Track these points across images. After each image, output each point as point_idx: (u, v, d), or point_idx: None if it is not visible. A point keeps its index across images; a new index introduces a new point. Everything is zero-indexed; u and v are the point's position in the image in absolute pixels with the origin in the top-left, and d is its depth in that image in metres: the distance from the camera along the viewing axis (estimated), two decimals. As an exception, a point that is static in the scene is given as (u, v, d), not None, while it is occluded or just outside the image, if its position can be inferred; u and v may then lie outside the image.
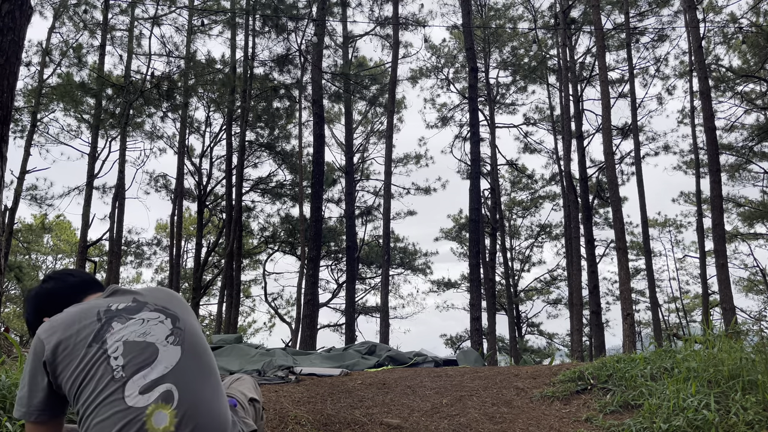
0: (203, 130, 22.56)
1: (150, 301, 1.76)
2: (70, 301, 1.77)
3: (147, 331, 1.66)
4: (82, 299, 1.81)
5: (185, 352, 1.65)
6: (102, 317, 1.66)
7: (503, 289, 26.25)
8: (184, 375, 1.61)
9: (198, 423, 1.56)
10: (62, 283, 1.87)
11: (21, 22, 4.19)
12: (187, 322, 1.74)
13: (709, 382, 3.58)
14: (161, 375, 1.58)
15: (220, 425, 1.60)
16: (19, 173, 17.72)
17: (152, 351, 1.61)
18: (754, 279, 26.75)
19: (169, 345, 1.65)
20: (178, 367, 1.61)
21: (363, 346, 7.04)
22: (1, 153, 4.11)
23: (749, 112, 21.70)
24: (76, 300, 1.80)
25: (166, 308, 1.74)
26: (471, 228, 15.31)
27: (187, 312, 1.78)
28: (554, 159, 24.46)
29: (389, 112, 18.06)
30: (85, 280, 1.90)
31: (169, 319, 1.71)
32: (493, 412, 3.85)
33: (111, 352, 1.59)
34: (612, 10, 21.79)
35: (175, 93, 18.17)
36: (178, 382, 1.58)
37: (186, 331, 1.71)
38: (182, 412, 1.54)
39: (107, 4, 17.99)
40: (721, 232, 13.57)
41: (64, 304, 1.74)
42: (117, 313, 1.68)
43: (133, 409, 1.52)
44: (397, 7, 18.49)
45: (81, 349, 1.59)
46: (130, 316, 1.68)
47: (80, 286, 1.86)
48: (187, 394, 1.58)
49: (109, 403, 1.52)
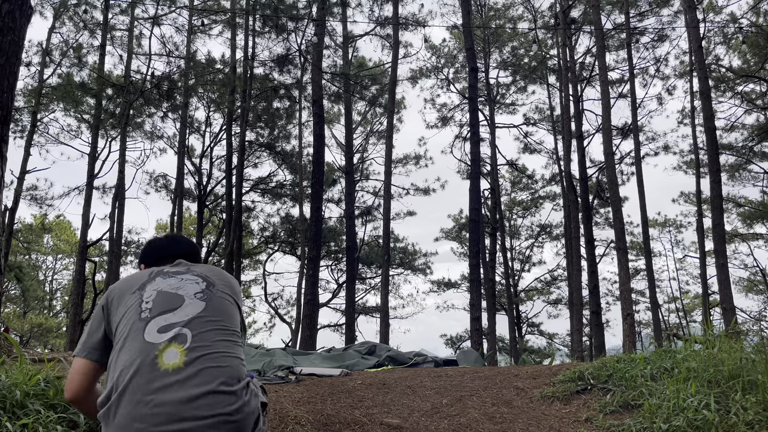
0: (203, 130, 22.57)
1: (198, 270, 1.97)
2: (156, 261, 2.08)
3: (181, 286, 1.87)
4: (161, 264, 2.05)
5: (208, 308, 1.80)
6: (152, 274, 1.91)
7: (503, 289, 26.24)
8: (201, 326, 1.75)
9: (206, 367, 1.66)
10: (158, 245, 2.18)
11: (21, 22, 4.19)
12: (221, 291, 1.89)
13: (709, 382, 3.58)
14: (180, 320, 1.75)
15: (229, 377, 1.68)
16: (19, 173, 17.71)
17: (179, 301, 1.81)
18: (754, 279, 26.74)
19: (196, 299, 1.83)
20: (198, 318, 1.76)
21: (363, 346, 7.04)
22: (1, 153, 4.11)
23: (749, 112, 21.70)
24: (159, 262, 2.08)
25: (208, 276, 1.94)
26: (471, 228, 15.31)
27: (227, 287, 1.94)
28: (554, 159, 24.47)
29: (389, 112, 18.07)
30: (175, 252, 2.12)
31: (205, 283, 1.90)
32: (493, 412, 3.85)
33: (145, 298, 1.82)
34: (612, 10, 21.79)
35: (175, 93, 18.17)
36: (194, 330, 1.73)
37: (215, 296, 1.86)
38: (193, 355, 1.67)
39: (107, 4, 17.99)
40: (721, 232, 13.57)
41: (152, 261, 2.09)
42: (165, 272, 1.93)
43: (149, 344, 1.68)
44: (397, 7, 18.49)
45: (127, 297, 1.84)
46: (173, 276, 1.91)
47: (168, 254, 2.11)
48: (200, 341, 1.71)
49: (132, 339, 1.71)
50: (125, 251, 25.21)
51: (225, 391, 1.65)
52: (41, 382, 2.90)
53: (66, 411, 2.80)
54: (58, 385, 2.95)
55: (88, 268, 18.01)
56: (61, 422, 2.69)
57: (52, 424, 2.63)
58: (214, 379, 1.65)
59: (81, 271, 16.91)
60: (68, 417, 2.76)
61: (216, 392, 1.64)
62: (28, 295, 29.09)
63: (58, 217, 28.42)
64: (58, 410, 2.79)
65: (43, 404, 2.77)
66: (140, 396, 1.60)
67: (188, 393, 1.61)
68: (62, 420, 2.71)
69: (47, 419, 2.64)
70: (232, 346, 1.76)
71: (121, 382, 1.63)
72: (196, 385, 1.62)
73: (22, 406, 2.71)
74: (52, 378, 2.99)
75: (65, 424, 2.70)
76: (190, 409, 1.59)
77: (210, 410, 1.61)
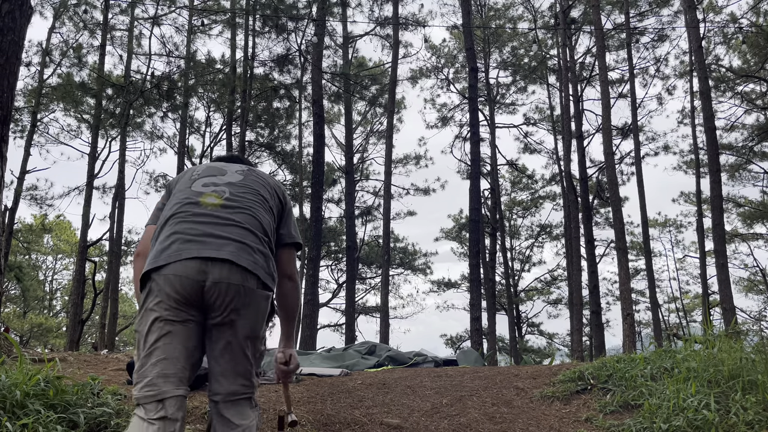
0: (203, 130, 22.55)
1: (242, 168, 2.29)
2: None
3: (226, 168, 2.25)
4: None
5: (245, 180, 2.17)
6: (204, 167, 2.27)
7: (503, 289, 26.23)
8: (238, 189, 2.12)
9: (241, 217, 2.01)
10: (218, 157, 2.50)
11: (21, 22, 4.19)
12: (258, 184, 2.21)
13: (709, 382, 3.58)
14: (221, 183, 2.13)
15: (258, 225, 2.03)
16: (19, 173, 17.71)
17: (222, 172, 2.20)
18: (754, 279, 26.74)
19: (236, 174, 2.20)
20: (236, 185, 2.13)
21: (363, 346, 7.03)
22: (1, 153, 4.11)
23: (749, 112, 21.69)
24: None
25: (246, 172, 2.25)
26: (471, 228, 15.30)
27: (265, 182, 2.25)
28: (554, 159, 24.46)
29: (389, 112, 18.07)
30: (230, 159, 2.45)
31: (248, 169, 2.28)
32: (493, 412, 3.85)
33: (196, 171, 2.23)
34: (612, 10, 21.79)
35: (175, 93, 18.16)
36: (232, 190, 2.10)
37: (254, 181, 2.20)
38: (229, 203, 2.04)
39: (107, 4, 17.99)
40: (721, 232, 13.56)
41: None
42: (212, 167, 2.26)
43: (194, 191, 2.08)
44: (397, 7, 18.49)
45: (183, 179, 2.20)
46: (222, 168, 2.25)
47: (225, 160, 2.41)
48: (236, 197, 2.07)
49: (182, 191, 2.11)
50: (125, 251, 25.20)
51: (249, 242, 1.96)
52: (41, 382, 2.90)
53: (66, 411, 2.80)
54: (58, 385, 2.95)
55: (88, 268, 18.00)
56: (61, 422, 2.69)
57: (52, 424, 2.63)
58: (244, 221, 2.00)
59: (81, 271, 16.90)
60: (68, 417, 2.76)
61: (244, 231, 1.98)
62: (28, 295, 29.10)
63: (58, 217, 28.43)
64: (58, 410, 2.79)
65: (43, 404, 2.77)
66: (183, 216, 1.98)
67: (219, 223, 1.96)
68: (62, 420, 2.71)
69: (47, 419, 2.64)
70: (261, 209, 2.09)
71: (171, 212, 2.03)
72: (227, 217, 1.99)
73: (22, 406, 2.71)
74: (52, 378, 2.99)
75: (65, 424, 2.70)
76: (219, 232, 1.93)
77: (237, 248, 1.91)
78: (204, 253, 1.86)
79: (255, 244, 1.96)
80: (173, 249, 1.87)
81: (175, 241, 1.90)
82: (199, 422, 3.22)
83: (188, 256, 1.85)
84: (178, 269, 1.84)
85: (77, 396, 2.98)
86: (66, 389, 2.98)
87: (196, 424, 3.19)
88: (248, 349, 1.93)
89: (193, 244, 1.88)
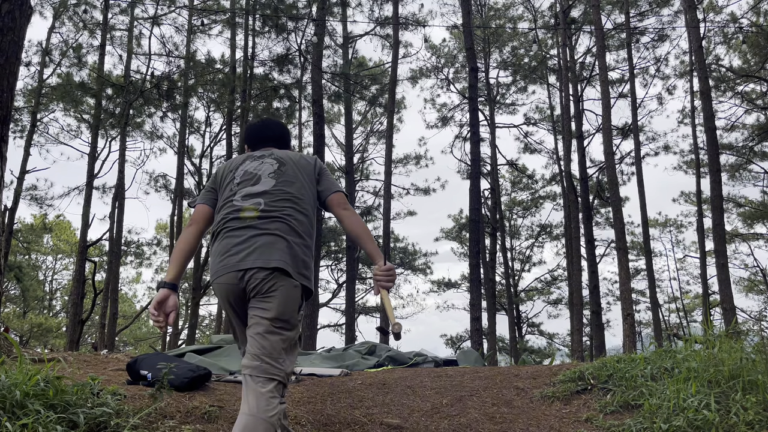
0: (203, 130, 22.56)
1: (276, 153, 2.71)
2: (254, 143, 2.86)
3: (260, 167, 2.63)
4: (257, 147, 2.85)
5: (277, 185, 2.55)
6: (245, 158, 2.72)
7: (503, 289, 26.23)
8: (271, 198, 2.51)
9: (273, 226, 2.43)
10: (255, 126, 2.92)
11: (21, 22, 4.18)
12: (291, 170, 2.62)
13: (710, 382, 3.58)
14: (256, 192, 2.53)
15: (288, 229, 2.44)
16: (19, 173, 17.71)
17: (257, 178, 2.58)
18: (755, 279, 26.75)
19: (269, 178, 2.58)
20: (270, 193, 2.52)
21: (363, 346, 7.02)
22: (1, 153, 4.11)
23: (749, 112, 21.69)
24: (256, 143, 2.86)
25: (282, 158, 2.67)
26: (471, 228, 15.29)
27: (297, 166, 2.65)
28: (554, 159, 24.46)
29: (389, 112, 18.06)
30: (265, 137, 2.87)
31: (278, 164, 2.64)
32: (494, 412, 3.85)
33: (236, 176, 2.62)
34: (612, 10, 21.78)
35: (175, 93, 18.16)
36: (266, 199, 2.50)
37: (285, 173, 2.60)
38: (264, 214, 2.46)
39: (107, 4, 17.98)
40: (722, 232, 13.56)
41: (251, 142, 2.87)
42: (254, 157, 2.70)
43: (236, 205, 2.51)
44: (397, 7, 18.48)
45: (228, 173, 2.66)
46: (257, 159, 2.68)
47: (261, 138, 2.86)
48: (270, 207, 2.48)
49: (228, 202, 2.55)
50: (125, 251, 25.22)
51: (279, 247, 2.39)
52: (41, 382, 2.90)
53: (65, 411, 2.80)
54: (57, 385, 2.95)
55: (87, 268, 18.00)
56: (61, 422, 2.69)
57: (52, 424, 2.63)
58: (276, 229, 2.42)
59: (81, 271, 16.90)
60: (68, 417, 2.76)
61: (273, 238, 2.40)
62: (27, 295, 29.09)
63: (58, 217, 28.43)
64: (58, 410, 2.79)
65: (43, 404, 2.77)
66: (227, 237, 2.44)
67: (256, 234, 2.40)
68: (62, 420, 2.71)
69: (47, 419, 2.64)
70: (294, 212, 2.49)
71: (220, 225, 2.51)
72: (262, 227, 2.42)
73: (22, 406, 2.71)
74: (52, 378, 2.98)
75: (65, 424, 2.70)
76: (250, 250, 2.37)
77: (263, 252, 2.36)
78: (240, 265, 2.35)
79: (285, 247, 2.40)
80: (221, 265, 2.41)
81: (222, 258, 2.42)
82: (199, 422, 3.22)
83: (228, 271, 2.37)
84: (222, 280, 2.40)
85: (77, 396, 2.97)
86: (66, 389, 2.98)
87: (196, 424, 3.19)
88: (276, 330, 2.30)
89: (232, 257, 2.38)
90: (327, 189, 2.65)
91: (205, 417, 3.30)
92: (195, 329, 19.46)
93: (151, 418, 3.12)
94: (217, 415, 3.36)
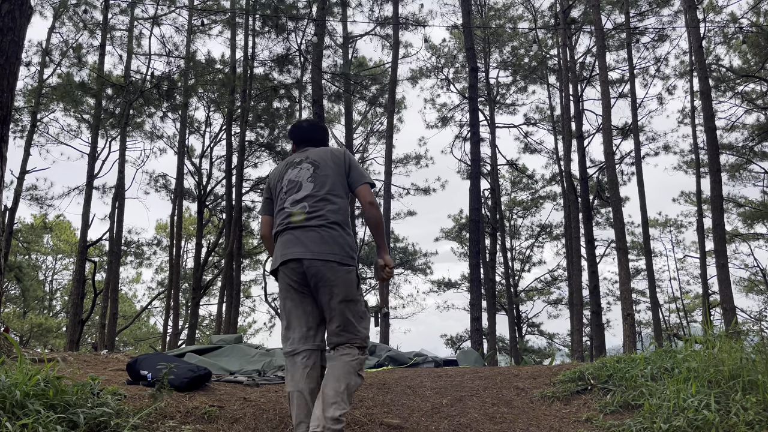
0: (203, 130, 22.56)
1: (311, 156, 3.25)
2: (297, 142, 3.44)
3: (299, 174, 3.20)
4: (301, 146, 3.41)
5: (315, 188, 3.12)
6: (286, 165, 3.29)
7: (503, 289, 26.23)
8: (313, 200, 3.08)
9: (317, 222, 3.03)
10: (300, 128, 3.48)
11: (21, 22, 4.18)
12: (324, 170, 3.17)
13: (710, 382, 3.58)
14: (301, 197, 3.11)
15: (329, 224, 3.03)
16: (19, 173, 17.71)
17: (299, 185, 3.16)
18: (755, 279, 26.74)
19: (308, 182, 3.14)
20: (312, 196, 3.10)
21: (363, 346, 7.00)
22: (1, 153, 4.11)
23: (749, 112, 21.68)
24: (300, 143, 3.43)
25: (315, 161, 3.21)
26: (471, 228, 15.29)
27: (328, 164, 3.19)
28: (554, 159, 24.46)
29: (389, 112, 18.05)
30: (310, 138, 3.42)
31: (312, 167, 3.19)
32: (494, 412, 3.85)
33: (283, 185, 3.22)
34: (612, 10, 21.77)
35: (175, 93, 18.15)
36: (310, 203, 3.08)
37: (319, 176, 3.15)
38: (310, 215, 3.05)
39: (107, 4, 17.98)
40: (722, 232, 13.56)
41: (294, 141, 3.46)
42: (293, 164, 3.26)
43: (287, 211, 3.13)
44: (397, 7, 18.47)
45: (276, 182, 3.28)
46: (297, 166, 3.24)
47: (304, 138, 3.42)
48: (313, 210, 3.06)
49: (280, 208, 3.18)
50: (125, 251, 25.21)
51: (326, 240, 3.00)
52: (41, 382, 2.90)
53: (66, 411, 2.80)
54: (57, 385, 2.95)
55: (88, 268, 18.00)
56: (61, 422, 2.68)
57: (52, 424, 2.63)
58: (320, 225, 3.02)
59: (81, 271, 16.90)
60: (68, 417, 2.76)
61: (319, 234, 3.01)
62: (28, 295, 29.10)
63: (58, 217, 28.43)
64: (58, 410, 2.79)
65: (43, 404, 2.77)
66: (285, 236, 3.08)
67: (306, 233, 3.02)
68: (62, 420, 2.71)
69: (47, 419, 2.64)
70: (331, 207, 3.07)
71: (279, 227, 3.13)
72: (310, 226, 3.02)
73: (22, 406, 2.71)
74: (52, 378, 2.98)
75: (65, 424, 2.70)
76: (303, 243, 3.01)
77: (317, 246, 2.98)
78: (299, 255, 2.99)
79: (330, 239, 3.00)
80: (283, 257, 3.03)
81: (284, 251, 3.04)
82: (199, 422, 3.22)
83: (290, 258, 3.01)
84: (285, 266, 3.03)
85: (77, 396, 2.97)
86: (66, 389, 2.97)
87: (196, 424, 3.19)
88: (346, 309, 2.96)
89: (292, 248, 3.01)
90: (356, 181, 3.19)
91: (205, 417, 3.31)
92: (195, 329, 19.47)
93: (151, 418, 3.12)
94: (217, 415, 3.36)
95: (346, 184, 3.19)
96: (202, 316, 28.25)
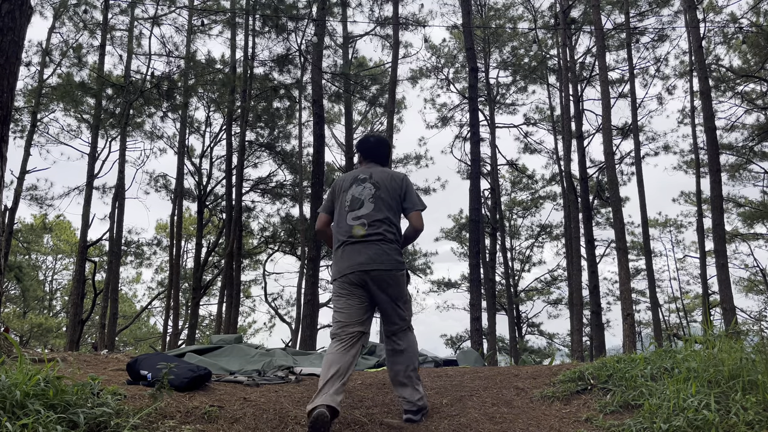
0: (203, 130, 22.56)
1: (375, 177, 3.74)
2: (364, 155, 3.93)
3: (362, 192, 3.70)
4: (367, 160, 3.92)
5: (375, 207, 3.64)
6: (353, 180, 3.77)
7: (503, 289, 26.23)
8: (373, 217, 3.62)
9: (376, 237, 3.59)
10: (367, 143, 3.95)
11: (21, 22, 4.18)
12: (384, 192, 3.68)
13: (710, 382, 3.58)
14: (362, 214, 3.63)
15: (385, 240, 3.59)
16: (19, 173, 17.71)
17: (361, 203, 3.67)
18: (755, 279, 26.75)
19: (369, 202, 3.65)
20: (372, 214, 3.63)
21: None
22: (1, 153, 4.11)
23: (749, 112, 21.69)
24: (366, 157, 3.93)
25: (378, 183, 3.71)
26: (471, 228, 15.29)
27: (388, 188, 3.71)
28: (554, 159, 24.46)
29: (389, 112, 18.05)
30: (375, 155, 3.93)
31: (374, 188, 3.69)
32: (494, 412, 3.85)
33: (346, 198, 3.72)
34: (612, 10, 21.78)
35: (175, 93, 18.16)
36: (369, 219, 3.62)
37: (379, 197, 3.67)
38: (370, 231, 3.59)
39: (107, 4, 17.98)
40: (722, 232, 13.56)
41: (362, 154, 3.94)
42: (358, 180, 3.75)
43: (348, 225, 3.64)
44: (397, 7, 18.47)
45: (341, 193, 3.77)
46: (361, 183, 3.73)
47: (370, 153, 3.92)
48: (371, 224, 3.60)
49: (342, 221, 3.69)
50: (125, 251, 25.20)
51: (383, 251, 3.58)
52: (41, 382, 2.90)
53: (66, 411, 2.80)
54: (57, 385, 2.95)
55: (88, 268, 18.01)
56: (61, 422, 2.68)
57: (52, 424, 2.63)
58: (378, 239, 3.58)
59: (81, 271, 16.90)
60: (68, 417, 2.76)
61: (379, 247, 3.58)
62: (28, 295, 29.10)
63: (58, 217, 28.44)
64: (58, 410, 2.79)
65: (43, 404, 2.77)
66: (348, 249, 3.62)
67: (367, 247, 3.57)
68: (62, 420, 2.71)
69: (47, 419, 2.64)
70: (387, 227, 3.62)
71: (340, 241, 3.66)
72: (370, 241, 3.58)
73: (22, 406, 2.71)
74: (52, 378, 2.98)
75: (65, 424, 2.70)
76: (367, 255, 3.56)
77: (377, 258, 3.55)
78: (363, 267, 3.56)
79: (387, 251, 3.59)
80: (348, 268, 3.59)
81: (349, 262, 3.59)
82: (199, 422, 3.22)
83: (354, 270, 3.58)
84: (351, 275, 3.59)
85: (77, 396, 2.97)
86: (66, 389, 2.97)
87: (196, 424, 3.19)
88: (398, 305, 3.65)
89: (355, 259, 3.57)
90: (410, 207, 3.75)
91: (205, 417, 3.31)
92: (195, 329, 19.47)
93: (151, 418, 3.12)
94: (217, 415, 3.36)
95: (401, 207, 3.74)
96: (202, 316, 28.26)
